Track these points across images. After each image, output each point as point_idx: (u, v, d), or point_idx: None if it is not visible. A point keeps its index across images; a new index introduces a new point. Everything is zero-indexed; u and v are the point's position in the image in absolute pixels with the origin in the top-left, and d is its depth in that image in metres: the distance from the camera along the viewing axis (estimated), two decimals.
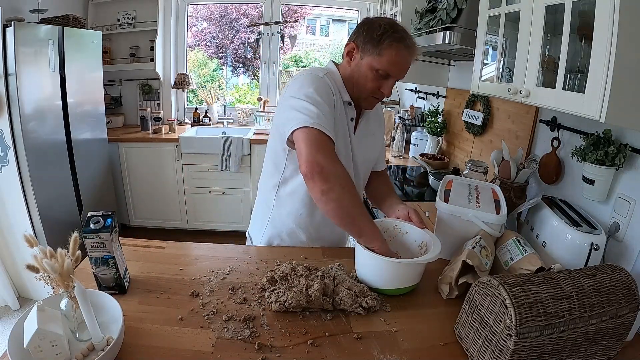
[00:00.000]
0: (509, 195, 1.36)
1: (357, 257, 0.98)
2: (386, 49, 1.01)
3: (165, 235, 2.98)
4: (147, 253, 1.07)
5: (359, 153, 1.19)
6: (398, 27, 1.03)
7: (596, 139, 1.10)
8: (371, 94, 1.08)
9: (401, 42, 1.01)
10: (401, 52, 1.02)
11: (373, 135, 1.25)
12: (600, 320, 0.70)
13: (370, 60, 1.03)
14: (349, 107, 1.12)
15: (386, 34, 1.00)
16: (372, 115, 1.23)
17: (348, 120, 1.13)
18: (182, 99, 3.69)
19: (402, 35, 1.02)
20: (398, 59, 1.02)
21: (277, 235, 1.22)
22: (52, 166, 2.36)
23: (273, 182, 1.18)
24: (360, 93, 1.09)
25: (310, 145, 0.92)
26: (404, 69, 1.06)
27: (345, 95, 1.10)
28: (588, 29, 0.83)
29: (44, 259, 0.72)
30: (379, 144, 1.30)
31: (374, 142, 1.26)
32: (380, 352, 0.75)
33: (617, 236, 1.06)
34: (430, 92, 2.74)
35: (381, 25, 1.02)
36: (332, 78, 1.10)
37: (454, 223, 1.09)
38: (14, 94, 2.01)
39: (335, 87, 1.09)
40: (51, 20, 2.45)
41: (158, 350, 0.72)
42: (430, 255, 0.91)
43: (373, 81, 1.05)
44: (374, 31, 1.02)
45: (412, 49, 1.04)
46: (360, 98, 1.11)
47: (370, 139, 1.24)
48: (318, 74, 1.06)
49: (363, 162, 1.22)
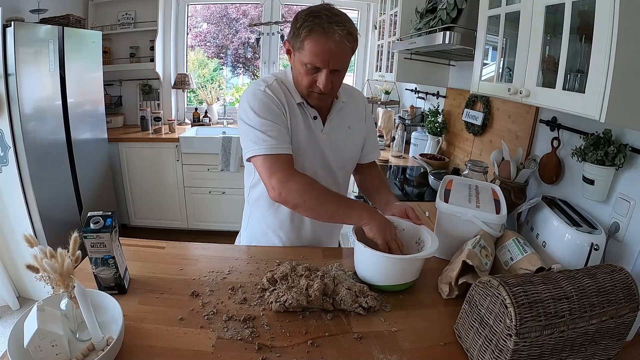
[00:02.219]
0: (509, 195, 1.35)
1: (356, 254, 0.99)
2: (305, 40, 0.95)
3: (165, 235, 2.98)
4: (147, 253, 1.07)
5: (332, 150, 1.16)
6: (321, 12, 0.95)
7: (596, 139, 1.10)
8: (310, 89, 1.03)
9: (317, 29, 0.94)
10: (319, 40, 0.94)
11: (350, 128, 1.19)
12: (600, 320, 0.70)
13: (298, 56, 1.00)
14: (306, 108, 1.10)
15: (303, 25, 0.95)
16: (347, 108, 1.18)
17: (310, 121, 1.11)
18: (182, 99, 3.69)
19: (320, 21, 0.94)
20: (318, 48, 0.95)
21: (254, 237, 1.24)
22: (52, 166, 2.35)
23: (247, 184, 1.23)
24: (302, 91, 1.06)
25: (265, 173, 1.00)
26: (332, 58, 0.96)
27: (298, 97, 1.08)
28: (588, 29, 0.83)
29: (44, 259, 0.72)
30: (359, 137, 1.24)
31: (352, 135, 1.20)
32: (380, 352, 0.75)
33: (617, 236, 1.06)
34: (430, 92, 2.74)
35: (301, 16, 0.96)
36: (281, 84, 1.09)
37: (454, 223, 1.09)
38: (14, 94, 2.01)
39: (286, 93, 1.08)
40: (51, 20, 2.45)
41: (158, 350, 0.72)
42: (428, 251, 0.92)
43: (306, 76, 1.01)
44: (295, 24, 0.97)
45: (332, 33, 0.93)
46: (304, 96, 1.07)
47: (347, 133, 1.18)
48: (259, 88, 1.05)
49: (337, 159, 1.18)
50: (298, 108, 1.09)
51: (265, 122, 1.01)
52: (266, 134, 1.00)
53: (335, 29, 0.94)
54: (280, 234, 1.20)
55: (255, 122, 1.02)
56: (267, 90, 1.05)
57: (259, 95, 1.04)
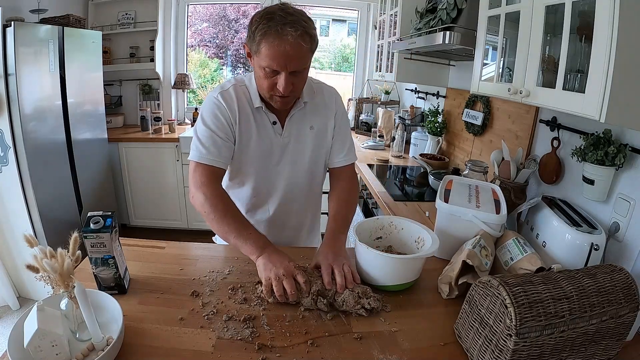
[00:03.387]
0: (509, 195, 1.35)
1: (357, 254, 0.99)
2: (260, 43, 0.92)
3: (165, 235, 2.98)
4: (147, 253, 1.07)
5: (294, 154, 1.14)
6: (275, 13, 0.91)
7: (596, 139, 1.10)
8: (271, 92, 1.01)
9: (270, 32, 0.90)
10: (274, 43, 0.91)
11: (313, 128, 1.14)
12: (600, 320, 0.70)
13: (257, 60, 0.97)
14: (265, 112, 1.09)
15: (258, 28, 0.92)
16: (312, 106, 1.14)
17: (269, 126, 1.10)
18: (182, 99, 3.69)
19: (274, 22, 0.90)
20: (274, 51, 0.92)
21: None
22: (52, 166, 2.35)
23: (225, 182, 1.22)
24: (264, 94, 1.04)
25: (190, 177, 1.05)
26: (287, 60, 0.93)
27: (257, 102, 1.07)
28: (588, 29, 0.83)
29: (44, 259, 0.72)
30: (325, 136, 1.17)
31: (315, 135, 1.15)
32: (380, 352, 0.75)
33: (617, 236, 1.06)
34: (430, 92, 2.74)
35: (256, 19, 0.93)
36: (241, 89, 1.08)
37: (454, 223, 1.09)
38: (14, 94, 2.01)
39: (241, 99, 1.08)
40: (51, 20, 2.45)
41: (158, 350, 0.72)
42: (429, 250, 0.92)
43: (266, 79, 0.98)
44: (250, 27, 0.95)
45: (285, 35, 0.90)
46: (267, 99, 1.05)
47: (308, 135, 1.14)
48: (214, 95, 1.08)
49: (304, 162, 1.16)
50: (256, 114, 1.09)
51: (205, 131, 1.05)
52: (200, 143, 1.04)
53: (289, 30, 0.90)
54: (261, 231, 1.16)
55: (198, 128, 1.07)
56: (219, 97, 1.07)
57: (210, 102, 1.07)
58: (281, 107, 1.07)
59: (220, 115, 1.06)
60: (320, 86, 1.19)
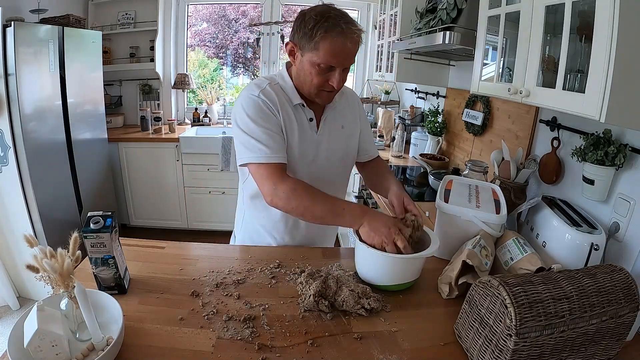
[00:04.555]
0: (509, 195, 1.35)
1: (357, 254, 0.99)
2: (320, 41, 0.95)
3: (165, 235, 2.98)
4: (147, 253, 1.07)
5: (327, 151, 1.15)
6: (331, 13, 0.97)
7: (596, 139, 1.10)
8: (321, 88, 1.04)
9: (334, 30, 0.95)
10: (336, 40, 0.95)
11: (343, 128, 1.19)
12: (600, 320, 0.70)
13: (309, 56, 0.99)
14: (304, 109, 1.10)
15: (317, 25, 0.95)
16: (340, 107, 1.18)
17: (306, 123, 1.11)
18: (182, 99, 3.69)
19: (334, 21, 0.95)
20: (335, 49, 0.96)
21: (249, 236, 1.24)
22: (52, 166, 2.35)
23: (241, 185, 1.23)
24: (310, 90, 1.05)
25: (258, 180, 1.02)
26: (346, 57, 0.99)
27: (296, 98, 1.08)
28: (588, 29, 0.83)
29: (44, 259, 0.72)
30: (354, 135, 1.23)
31: (345, 134, 1.20)
32: (380, 352, 0.75)
33: (617, 236, 1.06)
34: (430, 92, 2.74)
35: (312, 17, 0.96)
36: (277, 87, 1.08)
37: (454, 223, 1.09)
38: (14, 94, 2.01)
39: (281, 96, 1.07)
40: (51, 20, 2.45)
41: (158, 350, 0.72)
42: (429, 250, 0.92)
43: (318, 76, 1.01)
44: (306, 25, 0.97)
45: (348, 33, 0.96)
46: (311, 95, 1.07)
47: (340, 133, 1.19)
48: (253, 94, 1.05)
49: (335, 159, 1.18)
50: (294, 111, 1.09)
51: (259, 130, 1.02)
52: (260, 142, 1.01)
53: (353, 29, 0.97)
54: (275, 234, 1.20)
55: (250, 128, 1.03)
56: (261, 95, 1.05)
57: (254, 101, 1.04)
58: (326, 102, 1.10)
59: (269, 111, 1.05)
60: (343, 88, 1.22)
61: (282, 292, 0.93)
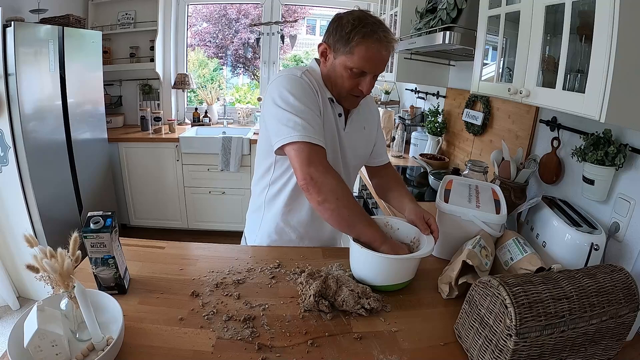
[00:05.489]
0: (509, 195, 1.35)
1: (351, 254, 0.99)
2: (356, 46, 0.96)
3: (165, 235, 2.98)
4: (147, 253, 1.07)
5: (350, 149, 1.16)
6: (368, 19, 0.97)
7: (596, 139, 1.10)
8: (350, 92, 1.05)
9: (371, 37, 0.96)
10: (372, 47, 0.96)
11: (365, 129, 1.21)
12: (600, 320, 0.70)
13: (343, 60, 1.00)
14: (333, 104, 1.10)
15: (355, 30, 0.96)
16: (363, 109, 1.19)
17: (336, 117, 1.11)
18: (182, 99, 3.69)
19: (372, 28, 0.96)
20: (370, 55, 0.97)
21: (268, 235, 1.22)
22: (52, 166, 2.35)
23: (264, 183, 1.19)
24: (340, 92, 1.06)
25: (302, 161, 0.94)
26: (379, 64, 1.01)
27: (327, 92, 1.08)
28: (588, 29, 0.83)
29: (44, 259, 0.72)
30: (372, 138, 1.26)
31: (366, 136, 1.22)
32: (380, 352, 0.75)
33: (617, 236, 1.06)
34: (430, 92, 2.74)
35: (350, 21, 0.97)
36: (311, 76, 1.07)
37: (454, 223, 1.09)
38: (14, 94, 2.01)
39: (316, 85, 1.06)
40: (51, 20, 2.45)
41: (158, 350, 0.72)
42: (423, 251, 0.92)
43: (349, 80, 1.02)
44: (342, 29, 0.98)
45: (384, 41, 0.97)
46: (340, 97, 1.08)
47: (362, 134, 1.20)
48: (296, 74, 1.03)
49: (354, 157, 1.19)
50: (328, 102, 1.09)
51: (304, 109, 0.97)
52: (306, 121, 0.95)
53: (389, 38, 0.98)
54: (300, 230, 1.19)
55: (294, 106, 0.97)
56: (304, 76, 1.04)
57: (298, 81, 1.02)
58: (353, 105, 1.12)
59: (312, 93, 1.02)
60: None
61: (282, 292, 0.93)
